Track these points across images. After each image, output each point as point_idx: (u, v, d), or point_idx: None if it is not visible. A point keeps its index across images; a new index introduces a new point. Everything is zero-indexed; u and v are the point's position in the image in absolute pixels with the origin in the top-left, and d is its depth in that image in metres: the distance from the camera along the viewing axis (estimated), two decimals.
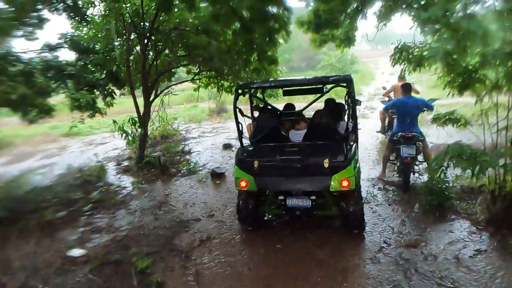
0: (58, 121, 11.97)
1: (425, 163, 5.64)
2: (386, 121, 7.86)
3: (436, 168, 3.20)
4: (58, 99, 6.75)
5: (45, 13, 5.54)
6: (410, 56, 3.96)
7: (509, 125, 3.81)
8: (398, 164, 5.56)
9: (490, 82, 3.30)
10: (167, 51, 8.38)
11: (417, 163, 5.50)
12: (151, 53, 7.83)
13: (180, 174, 7.31)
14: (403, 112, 5.44)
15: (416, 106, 5.41)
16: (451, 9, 2.45)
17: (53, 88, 5.92)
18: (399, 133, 5.38)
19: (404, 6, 2.65)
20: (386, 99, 7.87)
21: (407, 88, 5.59)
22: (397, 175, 5.71)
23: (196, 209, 5.47)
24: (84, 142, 12.01)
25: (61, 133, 13.25)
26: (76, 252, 4.35)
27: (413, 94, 5.73)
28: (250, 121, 5.37)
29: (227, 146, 9.34)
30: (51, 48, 6.15)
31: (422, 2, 2.48)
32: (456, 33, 2.53)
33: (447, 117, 4.24)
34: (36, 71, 5.26)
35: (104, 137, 12.45)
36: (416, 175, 5.55)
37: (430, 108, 5.55)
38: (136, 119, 7.74)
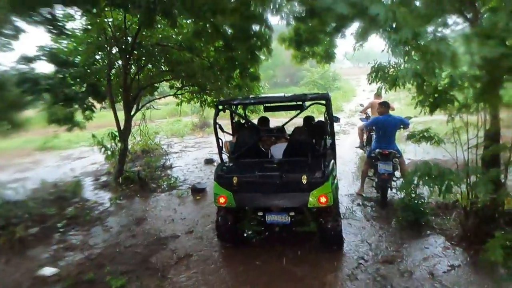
0: (35, 134, 11.65)
1: (402, 179, 5.76)
2: (364, 136, 8.09)
3: (406, 186, 3.29)
4: (34, 113, 6.60)
5: (22, 24, 5.46)
6: (386, 75, 4.11)
7: (479, 143, 3.96)
8: (376, 180, 5.70)
9: (459, 102, 3.45)
10: (149, 65, 8.37)
11: (394, 179, 5.64)
12: (133, 67, 7.81)
13: (160, 189, 7.20)
14: (382, 130, 5.64)
15: (394, 124, 5.62)
16: (420, 32, 2.58)
17: (28, 101, 5.78)
18: (377, 150, 5.55)
19: (377, 28, 2.78)
20: (364, 116, 8.12)
21: (386, 106, 5.79)
22: (375, 190, 5.82)
23: (175, 225, 5.38)
24: (61, 156, 11.68)
25: (36, 147, 12.87)
26: (48, 270, 4.19)
27: (389, 111, 5.92)
28: (229, 137, 5.38)
29: (208, 161, 9.29)
30: (28, 60, 6.04)
31: (394, 25, 2.60)
32: (425, 55, 2.66)
33: (422, 134, 4.39)
34: (9, 83, 5.13)
35: (82, 151, 12.16)
36: (394, 191, 5.67)
37: (406, 125, 5.74)
38: (116, 133, 7.63)
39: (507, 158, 3.81)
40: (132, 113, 7.83)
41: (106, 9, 6.22)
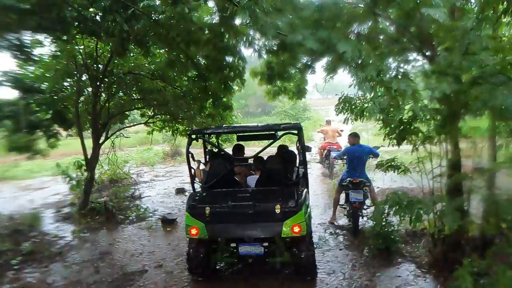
0: None
1: (373, 207, 5.86)
2: (324, 153, 9.98)
3: (378, 215, 3.37)
4: None
5: None
6: (353, 107, 4.30)
7: (443, 172, 4.17)
8: (348, 208, 5.78)
9: (423, 134, 3.65)
10: (120, 93, 8.25)
11: (365, 207, 5.75)
12: (103, 94, 7.66)
13: (128, 221, 6.88)
14: (353, 159, 5.84)
15: (364, 153, 5.84)
16: (384, 70, 2.75)
17: None
18: (348, 179, 5.70)
19: (344, 64, 2.95)
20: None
21: (356, 136, 6.01)
22: (347, 219, 5.90)
23: (143, 259, 5.12)
24: (19, 186, 10.92)
25: None
26: None
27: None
28: (201, 165, 5.32)
29: (180, 191, 9.07)
30: None
31: (359, 61, 2.77)
32: (389, 90, 2.84)
33: (389, 164, 4.56)
34: None
35: (44, 181, 11.48)
36: (365, 218, 5.75)
37: (376, 155, 5.98)
38: (83, 162, 7.32)
39: (469, 187, 4.01)
40: (101, 141, 7.59)
41: (77, 36, 6.15)
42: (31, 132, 6.33)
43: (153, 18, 5.29)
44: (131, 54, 7.09)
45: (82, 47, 6.88)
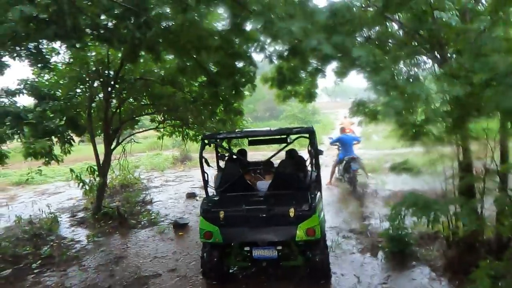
0: (10, 168, 11.13)
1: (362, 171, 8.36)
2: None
3: (395, 216, 3.37)
4: (12, 146, 6.39)
5: (7, 59, 5.44)
6: (366, 110, 4.31)
7: (456, 174, 4.15)
8: (348, 176, 8.11)
9: (434, 136, 3.65)
10: (131, 99, 8.38)
11: (359, 173, 8.08)
12: (114, 100, 7.78)
13: (140, 225, 6.96)
14: (345, 143, 8.58)
15: (351, 139, 8.73)
16: (397, 73, 2.78)
17: (9, 135, 5.62)
18: (346, 157, 8.22)
19: (357, 68, 2.99)
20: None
21: (343, 129, 9.41)
22: (348, 185, 8.10)
23: (157, 263, 5.17)
24: (37, 191, 11.16)
25: (11, 181, 12.31)
26: None
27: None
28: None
29: (190, 195, 9.13)
30: (10, 93, 5.93)
31: (374, 66, 2.80)
32: (403, 94, 2.87)
33: (403, 166, 4.55)
34: None
35: (58, 186, 11.69)
36: (358, 182, 7.96)
37: (358, 141, 9.16)
38: (95, 167, 7.44)
39: (482, 189, 3.98)
40: (112, 146, 7.71)
41: (89, 43, 6.28)
42: (47, 137, 6.47)
43: (164, 25, 5.39)
44: (141, 60, 7.20)
45: (94, 54, 7.03)
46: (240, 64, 6.13)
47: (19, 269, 5.11)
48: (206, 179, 4.62)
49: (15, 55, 5.56)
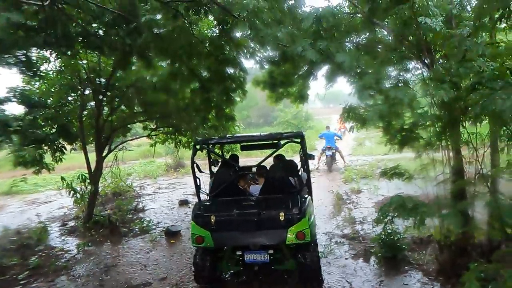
0: None
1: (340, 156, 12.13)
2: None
3: (381, 218, 3.37)
4: (2, 155, 6.31)
5: None
6: (357, 115, 4.33)
7: (446, 178, 4.16)
8: (324, 160, 12.05)
9: (423, 140, 3.67)
10: (123, 106, 8.34)
11: (336, 159, 12.14)
12: (106, 108, 7.74)
13: (131, 233, 6.87)
14: (327, 137, 12.05)
15: (332, 135, 12.20)
16: (382, 78, 2.80)
17: None
18: (325, 146, 11.99)
19: (343, 73, 3.01)
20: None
21: (328, 127, 13.06)
22: (326, 167, 11.80)
23: (148, 272, 5.10)
24: (26, 201, 10.98)
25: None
26: None
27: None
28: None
29: (183, 203, 9.05)
30: None
31: (358, 70, 2.82)
32: (387, 99, 2.89)
33: (393, 171, 4.56)
34: None
35: (49, 195, 11.52)
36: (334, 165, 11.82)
37: (339, 137, 12.70)
38: (87, 175, 7.36)
39: (473, 192, 4.00)
40: (104, 154, 7.64)
41: (80, 51, 6.27)
42: (37, 146, 6.40)
43: (155, 32, 5.40)
44: (133, 67, 7.19)
45: (85, 61, 7.00)
46: (230, 70, 6.16)
47: (4, 280, 4.99)
48: (198, 184, 4.59)
49: (3, 63, 5.51)
